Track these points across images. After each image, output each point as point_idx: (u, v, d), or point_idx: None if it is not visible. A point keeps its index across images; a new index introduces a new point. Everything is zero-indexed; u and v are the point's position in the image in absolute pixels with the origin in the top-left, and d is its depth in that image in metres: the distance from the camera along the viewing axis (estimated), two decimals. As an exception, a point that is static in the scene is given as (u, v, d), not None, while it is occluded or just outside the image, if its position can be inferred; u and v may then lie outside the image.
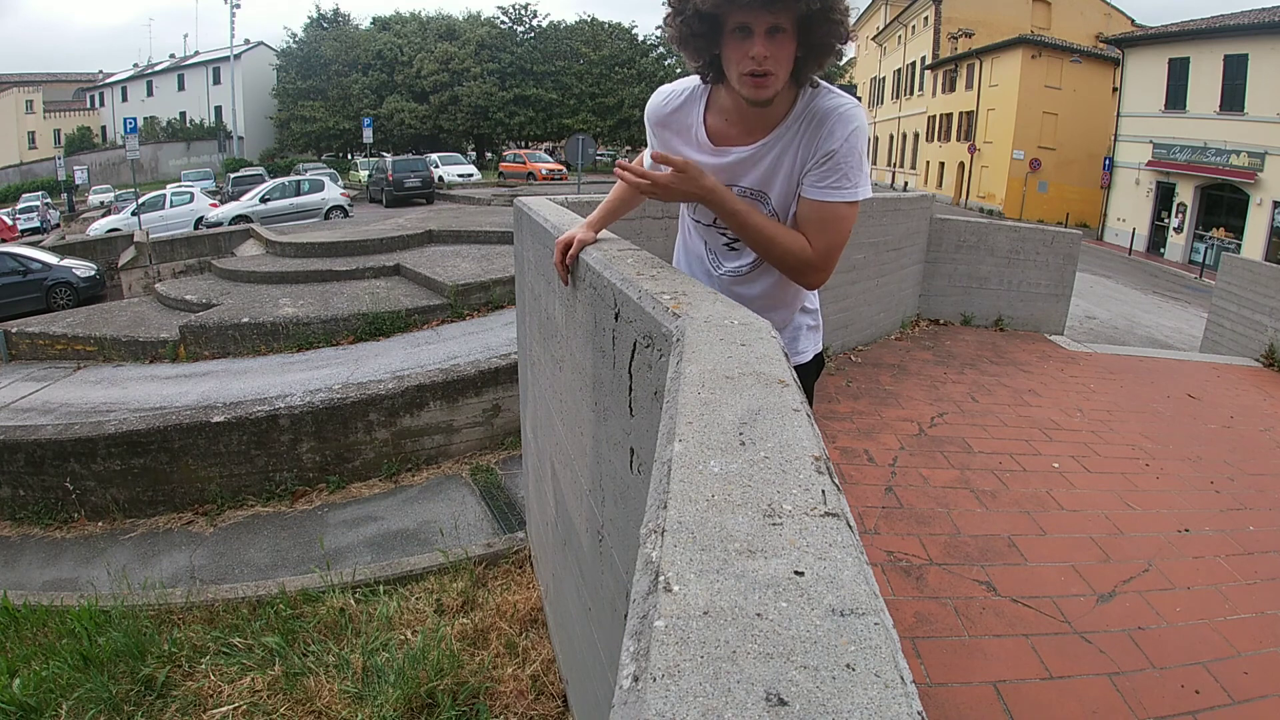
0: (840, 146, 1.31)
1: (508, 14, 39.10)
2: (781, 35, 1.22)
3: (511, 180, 25.97)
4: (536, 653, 2.67)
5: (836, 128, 1.31)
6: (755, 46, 1.21)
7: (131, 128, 17.08)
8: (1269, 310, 6.73)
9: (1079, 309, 9.72)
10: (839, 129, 1.31)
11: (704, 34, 1.27)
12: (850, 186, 1.33)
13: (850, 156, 1.31)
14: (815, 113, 1.33)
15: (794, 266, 1.38)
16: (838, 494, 0.61)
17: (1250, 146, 17.22)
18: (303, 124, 38.63)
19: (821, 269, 1.38)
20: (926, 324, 6.81)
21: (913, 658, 2.17)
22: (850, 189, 1.33)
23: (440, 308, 8.57)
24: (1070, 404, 4.78)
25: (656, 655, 0.43)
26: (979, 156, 28.22)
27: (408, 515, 5.21)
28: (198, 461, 5.44)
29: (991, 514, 3.13)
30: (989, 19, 29.50)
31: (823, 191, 1.33)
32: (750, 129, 1.37)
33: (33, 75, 46.27)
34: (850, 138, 1.31)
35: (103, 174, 37.90)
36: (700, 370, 0.84)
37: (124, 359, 8.18)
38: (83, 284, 12.08)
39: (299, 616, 3.24)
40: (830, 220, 1.35)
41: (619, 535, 1.30)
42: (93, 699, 2.69)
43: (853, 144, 1.31)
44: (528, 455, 3.24)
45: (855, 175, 1.33)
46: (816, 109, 1.33)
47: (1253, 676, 2.17)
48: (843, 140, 1.31)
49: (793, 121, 1.35)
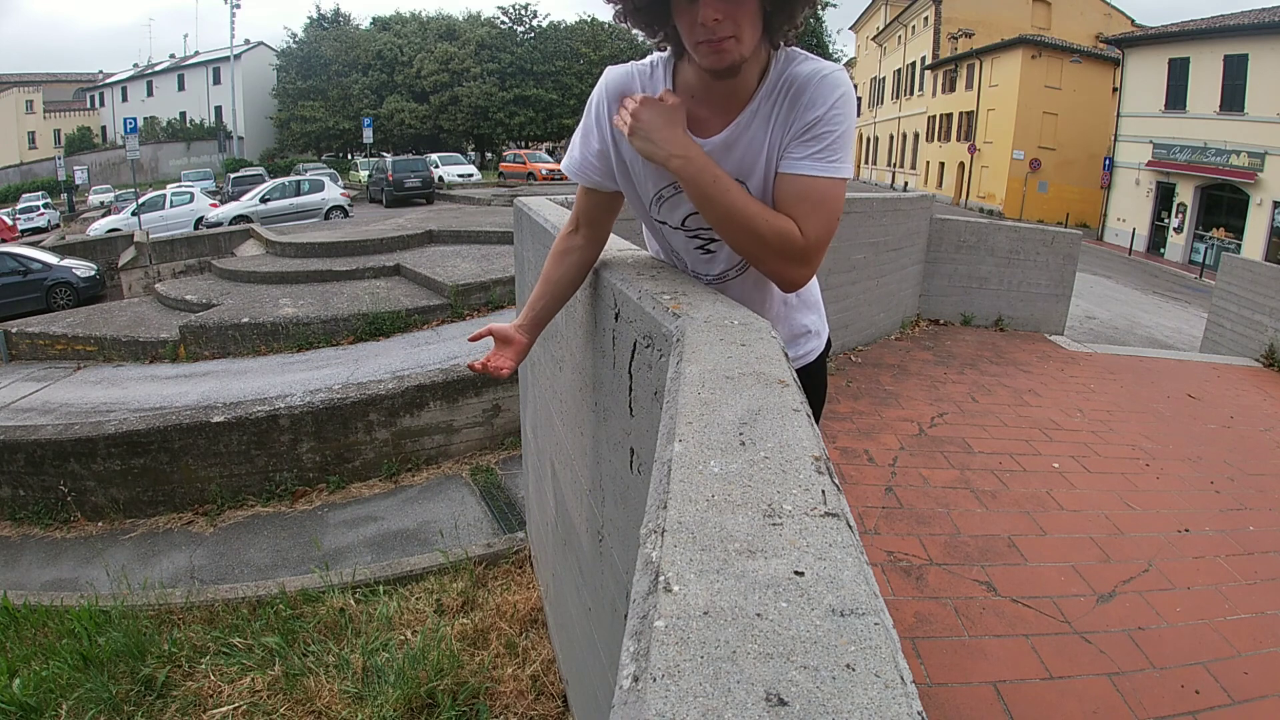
0: (825, 113, 1.12)
1: (508, 14, 39.15)
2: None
3: (511, 180, 25.96)
4: (536, 653, 2.67)
5: (819, 93, 1.12)
6: (704, 10, 1.03)
7: (131, 128, 17.06)
8: (1269, 310, 6.73)
9: (1079, 309, 9.72)
10: (822, 94, 1.12)
11: (650, 4, 1.11)
12: (836, 160, 1.13)
13: (837, 125, 1.12)
14: (793, 80, 1.14)
15: (780, 256, 1.14)
16: (838, 494, 0.61)
17: (1250, 146, 17.21)
18: (303, 124, 38.65)
19: (809, 261, 1.15)
20: (926, 324, 6.81)
21: (913, 658, 2.17)
22: (836, 162, 1.13)
23: (440, 308, 8.57)
24: (1070, 404, 4.78)
25: (656, 655, 0.43)
26: (979, 156, 28.23)
27: (408, 515, 5.21)
28: (198, 461, 5.44)
29: (991, 514, 3.13)
30: (989, 19, 29.51)
31: (806, 164, 1.13)
32: (724, 107, 1.18)
33: (33, 75, 46.27)
34: (837, 104, 1.12)
35: (103, 174, 37.92)
36: (700, 370, 0.84)
37: (124, 359, 8.18)
38: (83, 284, 12.08)
39: (299, 616, 3.24)
40: (819, 199, 1.13)
41: (619, 535, 1.30)
42: (93, 699, 2.69)
43: (839, 111, 1.12)
44: (528, 455, 3.24)
45: (842, 148, 1.13)
46: (793, 75, 1.14)
47: (1253, 676, 2.17)
48: (827, 107, 1.11)
49: (767, 92, 1.16)
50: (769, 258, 1.16)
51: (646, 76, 1.24)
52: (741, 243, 1.17)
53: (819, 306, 1.58)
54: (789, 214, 1.14)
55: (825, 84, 1.12)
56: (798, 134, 1.14)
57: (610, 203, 1.35)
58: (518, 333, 1.38)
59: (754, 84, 1.16)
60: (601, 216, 1.37)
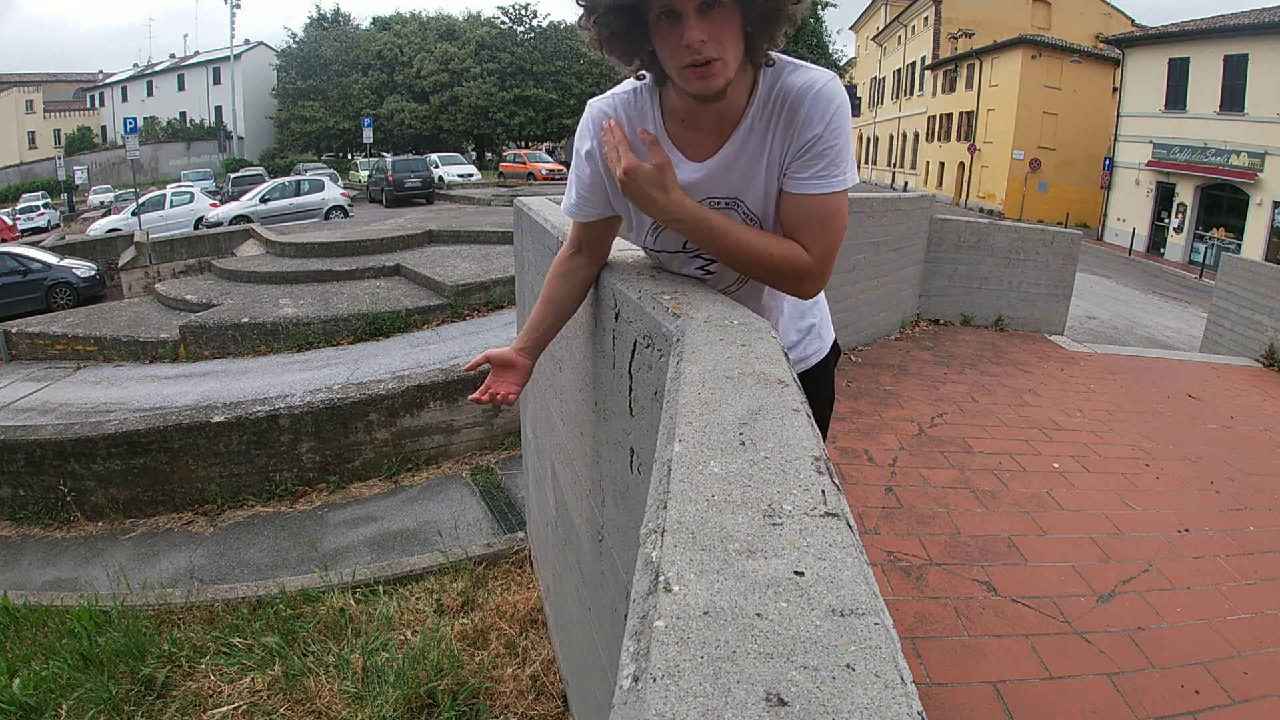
0: (824, 130, 1.11)
1: (508, 14, 39.12)
2: (719, 10, 1.01)
3: (511, 180, 25.95)
4: (536, 653, 2.67)
5: (815, 109, 1.10)
6: (688, 31, 1.00)
7: (131, 128, 17.07)
8: (1269, 310, 6.73)
9: (1079, 309, 9.72)
10: (818, 110, 1.10)
11: (626, 31, 1.06)
12: (839, 174, 1.14)
13: (836, 139, 1.12)
14: (785, 94, 1.12)
15: (789, 279, 1.19)
16: (838, 494, 0.61)
17: (1250, 146, 17.22)
18: (303, 124, 38.63)
19: (820, 276, 1.19)
20: (926, 324, 6.81)
21: (913, 658, 2.17)
22: (840, 176, 1.14)
23: (440, 308, 8.57)
24: (1070, 404, 4.78)
25: (656, 655, 0.43)
26: (979, 156, 28.23)
27: (408, 515, 5.21)
28: (198, 461, 5.44)
29: (991, 514, 3.13)
30: (989, 19, 29.51)
31: (811, 183, 1.13)
32: (715, 128, 1.16)
33: (33, 75, 46.26)
34: (834, 118, 1.11)
35: (103, 174, 37.92)
36: (700, 370, 0.84)
37: (124, 359, 8.18)
38: (83, 284, 12.08)
39: (299, 616, 3.24)
40: (825, 216, 1.15)
41: (619, 535, 1.30)
42: (93, 699, 2.69)
43: (837, 125, 1.11)
44: (528, 455, 3.24)
45: (843, 161, 1.14)
46: (786, 89, 1.12)
47: (1253, 676, 2.17)
48: (825, 123, 1.10)
49: (760, 107, 1.13)
50: (779, 282, 1.21)
51: (630, 105, 1.19)
52: (750, 273, 1.21)
53: (820, 309, 1.56)
54: (795, 235, 1.17)
55: (820, 99, 1.10)
56: (798, 153, 1.13)
57: (610, 225, 1.34)
58: (519, 356, 1.34)
59: (743, 101, 1.13)
60: (603, 237, 1.35)
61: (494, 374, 1.34)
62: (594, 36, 1.09)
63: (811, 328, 1.53)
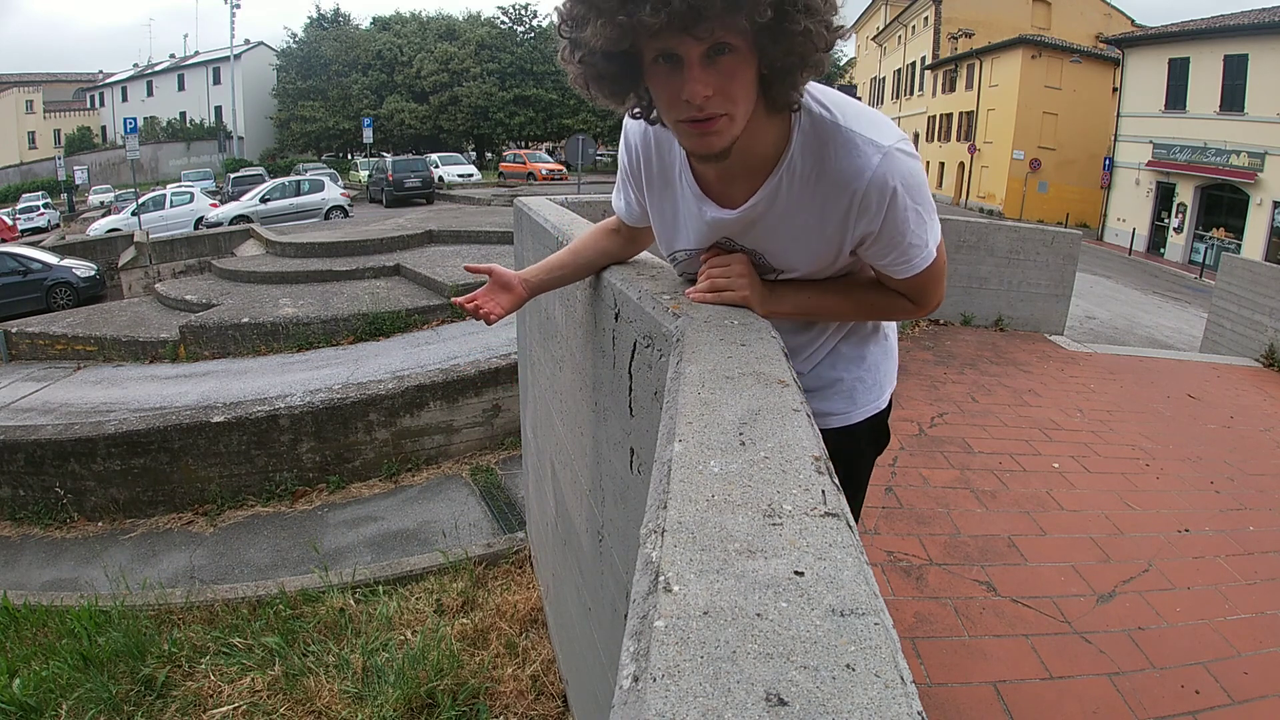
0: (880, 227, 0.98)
1: (508, 14, 39.11)
2: (730, 57, 0.83)
3: (511, 180, 25.98)
4: (536, 653, 2.67)
5: (869, 204, 0.96)
6: (690, 85, 0.83)
7: (131, 128, 17.07)
8: (1269, 310, 6.73)
9: (1079, 309, 9.72)
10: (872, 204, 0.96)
11: (618, 74, 0.89)
12: (919, 256, 1.03)
13: (896, 230, 0.99)
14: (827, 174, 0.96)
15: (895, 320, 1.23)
16: (838, 494, 0.61)
17: (1250, 146, 17.22)
18: (303, 124, 38.63)
19: (927, 309, 1.16)
20: (926, 324, 6.80)
21: (913, 658, 2.17)
22: (919, 257, 1.03)
23: (440, 308, 8.57)
24: (1070, 404, 4.78)
25: (656, 655, 0.43)
26: (979, 156, 28.24)
27: (408, 515, 5.21)
28: (198, 461, 5.44)
29: (991, 514, 3.13)
30: (989, 19, 29.51)
31: (893, 269, 1.06)
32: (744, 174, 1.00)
33: (33, 75, 46.27)
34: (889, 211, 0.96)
35: (103, 174, 37.91)
36: (700, 370, 0.84)
37: (124, 359, 8.18)
38: (83, 284, 12.09)
39: (299, 616, 3.24)
40: (918, 285, 1.09)
41: (619, 535, 1.30)
42: (93, 699, 2.69)
43: (894, 217, 0.97)
44: (528, 455, 3.24)
45: (918, 242, 1.02)
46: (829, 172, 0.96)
47: (1253, 676, 2.17)
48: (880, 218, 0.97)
49: (790, 170, 0.97)
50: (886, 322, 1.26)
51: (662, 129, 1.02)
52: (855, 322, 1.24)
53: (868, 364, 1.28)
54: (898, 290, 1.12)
55: (870, 194, 0.95)
56: (870, 243, 1.02)
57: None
58: (520, 284, 1.32)
59: (771, 152, 0.97)
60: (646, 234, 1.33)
61: (488, 288, 1.32)
62: (578, 75, 0.91)
63: (838, 382, 1.25)
